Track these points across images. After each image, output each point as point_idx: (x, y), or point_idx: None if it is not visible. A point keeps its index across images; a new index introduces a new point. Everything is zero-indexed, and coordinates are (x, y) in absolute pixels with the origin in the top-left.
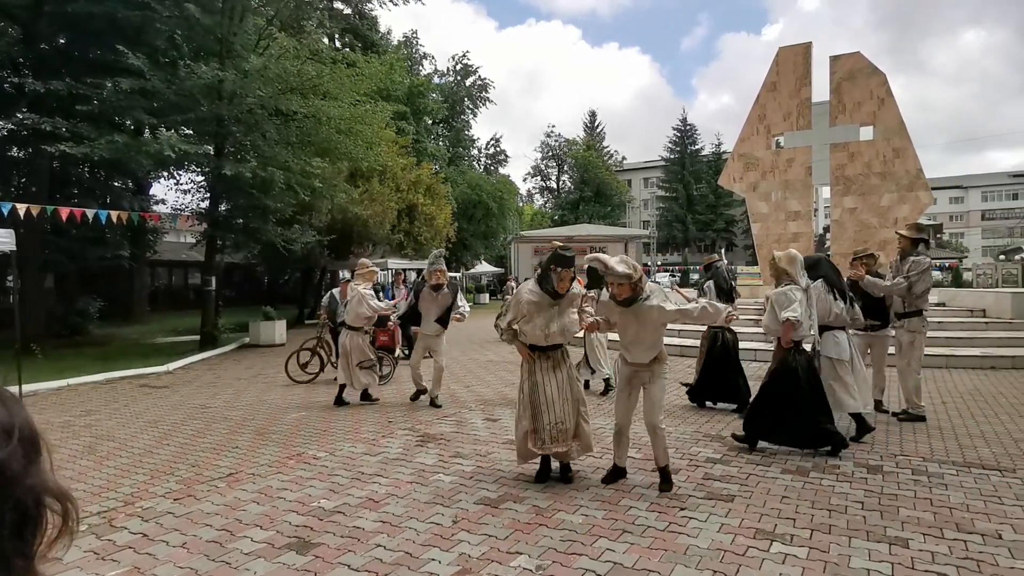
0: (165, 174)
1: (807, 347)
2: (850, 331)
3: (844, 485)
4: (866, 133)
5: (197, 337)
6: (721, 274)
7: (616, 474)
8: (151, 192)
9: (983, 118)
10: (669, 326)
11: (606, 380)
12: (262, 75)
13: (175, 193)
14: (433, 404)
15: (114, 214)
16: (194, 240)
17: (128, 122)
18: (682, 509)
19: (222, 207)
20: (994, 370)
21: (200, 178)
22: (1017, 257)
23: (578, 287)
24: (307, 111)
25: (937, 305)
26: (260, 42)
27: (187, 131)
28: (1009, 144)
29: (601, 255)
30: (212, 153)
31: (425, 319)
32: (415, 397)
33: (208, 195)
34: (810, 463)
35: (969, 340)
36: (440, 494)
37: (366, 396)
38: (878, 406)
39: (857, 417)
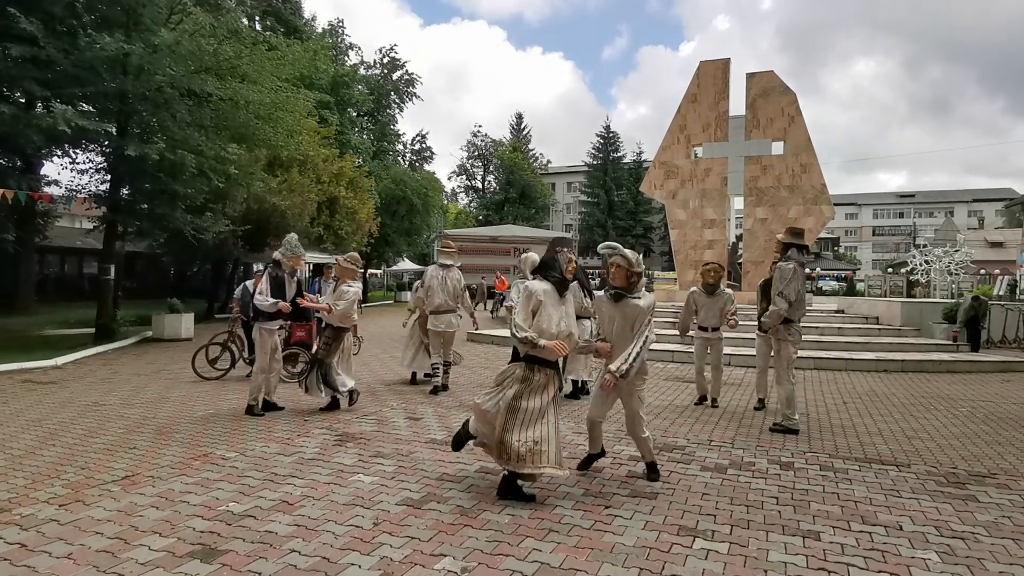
0: (59, 152)
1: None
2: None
3: (759, 481)
4: (777, 148)
5: (92, 330)
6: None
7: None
8: (42, 171)
9: (872, 141)
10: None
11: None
12: (173, 51)
13: (70, 173)
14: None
15: None
16: (91, 226)
17: (17, 93)
18: (607, 507)
19: (124, 190)
20: (887, 373)
21: (100, 158)
22: (903, 270)
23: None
24: (223, 93)
25: (836, 312)
26: (172, 16)
27: (86, 107)
28: (895, 167)
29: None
30: (114, 132)
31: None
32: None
33: (109, 177)
34: (727, 460)
35: (864, 345)
36: (360, 495)
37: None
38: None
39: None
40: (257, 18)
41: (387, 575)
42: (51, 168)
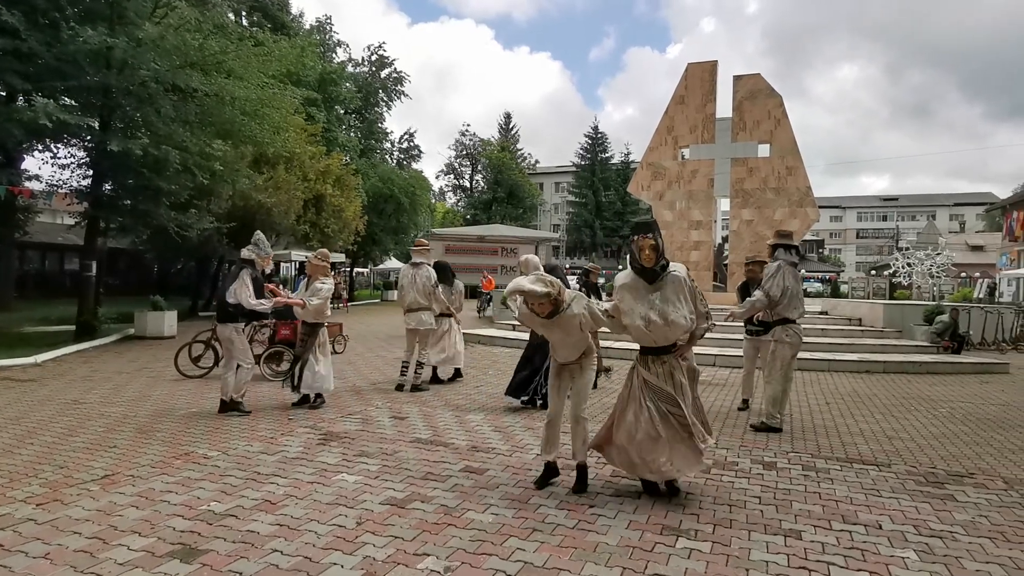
0: (40, 146)
1: None
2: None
3: (743, 481)
4: (763, 150)
5: (72, 327)
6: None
7: (548, 474)
8: (23, 166)
9: (857, 144)
10: None
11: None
12: (158, 45)
13: (52, 168)
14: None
15: None
16: (73, 221)
17: None
18: (591, 507)
19: (107, 186)
20: (869, 374)
21: (82, 153)
22: (885, 273)
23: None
24: (209, 89)
25: (820, 313)
26: (157, 10)
27: (68, 101)
28: (879, 170)
29: (522, 284)
30: (97, 126)
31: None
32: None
33: (91, 172)
34: (711, 460)
35: (847, 346)
36: (343, 495)
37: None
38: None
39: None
40: (244, 13)
41: (370, 575)
42: (32, 162)
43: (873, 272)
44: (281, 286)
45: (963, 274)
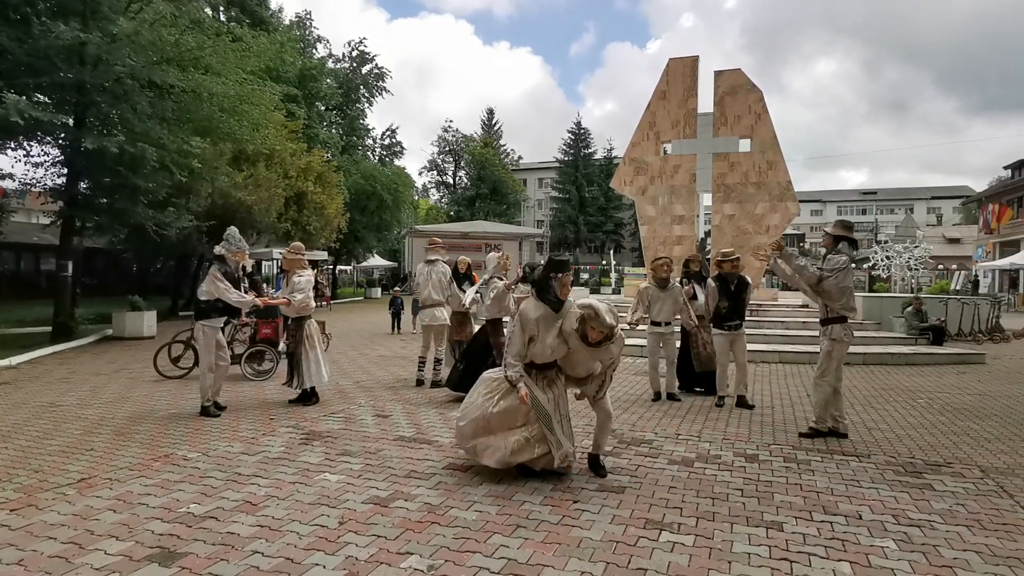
0: (12, 144)
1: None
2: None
3: (725, 474)
4: (744, 145)
5: (49, 328)
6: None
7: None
8: None
9: (835, 139)
10: None
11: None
12: (133, 41)
13: (25, 166)
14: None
15: None
16: (47, 221)
17: None
18: (575, 502)
19: (82, 184)
20: (849, 365)
21: (56, 151)
22: (865, 266)
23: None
24: (186, 85)
25: (801, 306)
26: (132, 5)
27: (42, 97)
28: (857, 164)
29: (594, 303)
30: (71, 124)
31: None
32: None
33: (66, 170)
34: (694, 454)
35: None
36: (325, 494)
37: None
38: (741, 401)
39: None
40: (221, 8)
41: (352, 575)
42: (4, 160)
43: (853, 265)
44: (264, 285)
45: (940, 266)
